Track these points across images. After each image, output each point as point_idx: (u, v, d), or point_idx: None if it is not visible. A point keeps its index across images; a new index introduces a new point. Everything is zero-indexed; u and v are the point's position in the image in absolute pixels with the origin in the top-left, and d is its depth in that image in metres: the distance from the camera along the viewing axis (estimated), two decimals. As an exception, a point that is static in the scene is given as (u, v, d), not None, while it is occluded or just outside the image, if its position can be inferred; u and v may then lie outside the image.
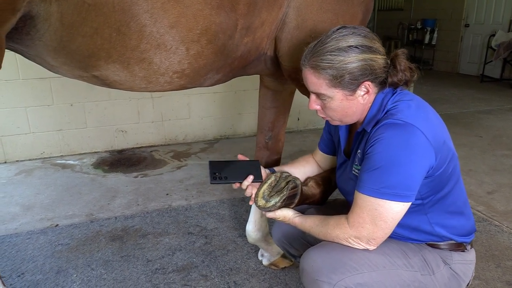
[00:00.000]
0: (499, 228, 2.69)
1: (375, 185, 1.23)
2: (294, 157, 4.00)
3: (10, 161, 4.04)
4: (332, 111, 1.36)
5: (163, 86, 1.55)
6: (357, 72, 1.27)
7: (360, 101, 1.33)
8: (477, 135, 4.73)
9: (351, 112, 1.36)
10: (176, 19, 1.36)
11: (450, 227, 1.40)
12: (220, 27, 1.45)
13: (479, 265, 2.28)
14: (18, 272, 2.28)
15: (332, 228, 1.34)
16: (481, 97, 6.84)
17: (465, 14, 8.91)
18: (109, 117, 4.31)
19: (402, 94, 1.35)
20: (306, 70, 1.35)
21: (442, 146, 1.28)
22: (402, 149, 1.20)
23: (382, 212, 1.24)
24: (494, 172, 3.64)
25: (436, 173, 1.29)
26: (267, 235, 2.24)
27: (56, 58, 1.37)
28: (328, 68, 1.27)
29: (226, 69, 1.63)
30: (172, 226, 2.76)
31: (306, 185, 1.67)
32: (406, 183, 1.22)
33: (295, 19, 1.60)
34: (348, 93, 1.31)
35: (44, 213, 2.97)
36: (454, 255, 1.42)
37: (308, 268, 1.34)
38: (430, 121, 1.29)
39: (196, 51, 1.46)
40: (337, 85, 1.29)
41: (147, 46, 1.38)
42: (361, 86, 1.30)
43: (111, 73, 1.43)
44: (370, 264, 1.31)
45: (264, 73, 1.89)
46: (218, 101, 4.67)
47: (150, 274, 2.25)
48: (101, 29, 1.29)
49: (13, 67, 3.76)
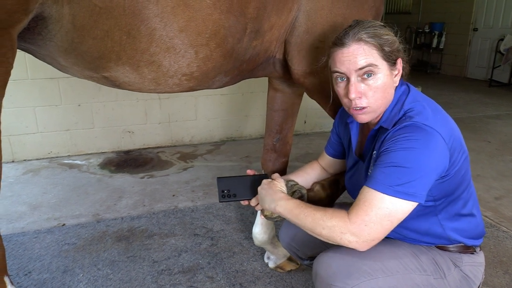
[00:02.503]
0: (507, 234, 2.67)
1: (389, 181, 1.20)
2: (300, 160, 4.00)
3: (18, 160, 4.07)
4: (376, 91, 1.32)
5: (172, 88, 1.56)
6: (394, 45, 1.33)
7: (394, 82, 1.37)
8: (485, 140, 4.71)
9: (389, 94, 1.36)
10: (185, 23, 1.37)
11: (460, 229, 1.40)
12: (229, 31, 1.46)
13: (487, 271, 2.26)
14: (25, 271, 2.29)
15: (329, 217, 1.24)
16: (489, 101, 6.80)
17: (473, 18, 8.87)
18: (116, 118, 4.33)
19: (413, 94, 1.37)
20: (351, 47, 1.30)
21: (457, 148, 1.31)
22: (422, 149, 1.20)
23: (391, 211, 1.19)
24: (502, 178, 3.62)
25: (449, 174, 1.30)
26: (273, 238, 2.24)
27: (66, 58, 1.38)
28: (375, 36, 1.30)
29: (234, 72, 1.64)
30: (178, 227, 2.77)
31: (312, 191, 1.66)
32: (420, 182, 1.20)
33: (305, 23, 1.61)
34: (391, 66, 1.33)
35: (51, 212, 2.98)
36: (464, 257, 1.42)
37: (322, 272, 1.33)
38: (448, 124, 1.31)
39: (205, 55, 1.47)
40: (384, 55, 1.31)
41: (157, 49, 1.39)
42: (397, 62, 1.34)
43: (120, 74, 1.44)
44: (384, 269, 1.30)
45: (273, 75, 1.89)
46: (225, 103, 4.68)
47: (156, 275, 2.25)
48: (112, 32, 1.31)
49: (22, 67, 3.78)
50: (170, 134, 4.59)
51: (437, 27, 9.66)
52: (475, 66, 9.05)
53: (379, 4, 1.80)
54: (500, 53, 7.93)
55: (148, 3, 1.30)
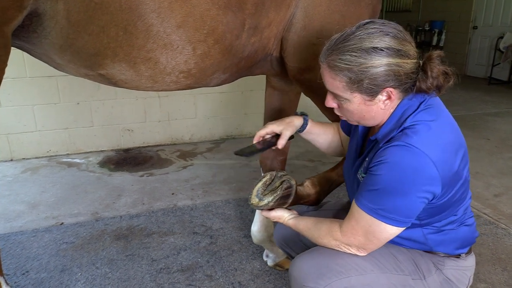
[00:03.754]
0: (506, 231, 2.67)
1: (373, 204, 1.19)
2: (300, 158, 3.99)
3: (16, 158, 4.06)
4: (349, 113, 1.27)
5: (169, 85, 1.55)
6: (378, 78, 1.14)
7: (380, 106, 1.22)
8: (484, 138, 4.70)
9: (370, 116, 1.25)
10: (183, 19, 1.36)
11: (446, 242, 1.36)
12: (227, 27, 1.45)
13: (485, 268, 2.26)
14: (23, 270, 2.28)
15: (324, 234, 1.32)
16: (489, 99, 6.79)
17: (473, 16, 8.85)
18: (115, 116, 4.32)
19: (427, 111, 1.21)
20: (323, 67, 1.23)
21: (453, 176, 1.20)
22: (407, 177, 1.13)
23: (375, 230, 1.21)
24: (501, 175, 3.61)
25: (439, 202, 1.23)
26: (272, 236, 2.24)
27: (62, 56, 1.37)
28: (346, 70, 1.15)
29: (232, 69, 1.63)
30: (177, 225, 2.76)
31: (302, 185, 1.65)
32: (405, 211, 1.17)
33: (302, 20, 1.60)
34: (367, 97, 1.20)
35: (50, 211, 2.98)
36: (447, 261, 1.38)
37: (295, 274, 1.34)
38: (446, 150, 1.18)
39: (202, 51, 1.46)
40: (355, 89, 1.18)
41: (154, 46, 1.38)
42: (382, 92, 1.18)
43: (117, 72, 1.43)
44: (357, 268, 1.29)
45: (270, 73, 1.88)
46: (224, 101, 4.67)
47: (154, 274, 2.24)
48: (108, 28, 1.29)
49: (20, 65, 3.77)
50: (170, 132, 4.58)
51: (437, 25, 9.63)
52: (475, 64, 9.02)
53: (376, 1, 1.79)
54: (500, 51, 7.91)
55: None
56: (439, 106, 1.26)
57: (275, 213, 1.48)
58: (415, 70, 1.18)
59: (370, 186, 1.19)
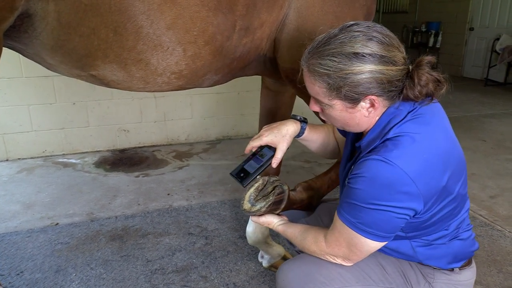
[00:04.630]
0: (502, 233, 2.67)
1: (351, 217, 1.15)
2: (297, 159, 3.99)
3: (12, 159, 4.04)
4: (332, 118, 1.22)
5: (161, 86, 1.55)
6: (360, 85, 1.08)
7: (364, 114, 1.15)
8: (480, 139, 4.71)
9: (354, 123, 1.19)
10: (172, 21, 1.37)
11: (437, 257, 1.30)
12: (217, 28, 1.45)
13: (480, 270, 2.26)
14: (17, 270, 2.27)
15: (310, 244, 1.31)
16: (485, 101, 6.81)
17: (469, 18, 8.87)
18: (111, 116, 4.31)
19: (415, 121, 1.14)
20: (304, 70, 1.18)
21: (439, 192, 1.14)
22: (383, 194, 1.08)
23: (357, 243, 1.18)
24: (497, 176, 3.62)
25: (423, 217, 1.17)
26: (267, 237, 2.23)
27: (53, 57, 1.37)
28: (325, 75, 1.09)
29: (224, 70, 1.63)
30: (172, 226, 2.75)
31: (294, 190, 1.63)
32: (383, 226, 1.12)
33: (295, 20, 1.59)
34: (348, 105, 1.13)
35: (45, 211, 2.96)
36: (437, 274, 1.32)
37: (280, 281, 1.34)
38: (429, 164, 1.10)
39: (193, 52, 1.46)
40: (334, 95, 1.12)
41: (144, 47, 1.38)
42: (365, 99, 1.11)
43: (108, 73, 1.43)
44: (341, 279, 1.26)
45: (265, 74, 1.88)
46: (221, 102, 4.66)
47: (149, 275, 2.24)
48: (98, 30, 1.30)
49: (16, 65, 3.75)
50: (166, 133, 4.57)
51: (434, 26, 9.66)
52: (471, 66, 9.05)
53: (371, 2, 1.78)
54: (496, 53, 7.93)
55: (134, 0, 1.29)
56: (432, 115, 1.18)
57: (264, 218, 1.44)
58: (401, 78, 1.10)
59: (348, 198, 1.16)
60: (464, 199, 1.29)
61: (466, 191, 1.28)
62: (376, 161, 1.08)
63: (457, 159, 1.20)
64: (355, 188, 1.12)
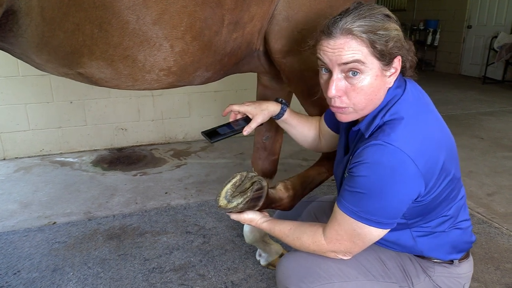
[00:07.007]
0: (499, 230, 2.67)
1: (354, 207, 1.15)
2: (294, 157, 3.99)
3: (9, 158, 4.04)
4: (359, 92, 1.16)
5: (151, 84, 1.53)
6: (393, 43, 1.13)
7: (387, 83, 1.19)
8: (478, 137, 4.71)
9: (376, 97, 1.19)
10: (158, 16, 1.34)
11: (437, 246, 1.31)
12: (205, 23, 1.42)
13: (478, 267, 2.26)
14: (14, 269, 2.27)
15: (307, 245, 1.27)
16: (483, 98, 6.81)
17: (467, 16, 8.88)
18: (109, 115, 4.30)
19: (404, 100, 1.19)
20: (338, 40, 1.13)
21: (437, 171, 1.16)
22: (387, 178, 1.10)
23: (360, 233, 1.18)
24: (494, 174, 3.62)
25: (425, 200, 1.19)
26: (265, 236, 2.23)
27: (39, 55, 1.36)
28: (369, 31, 1.11)
29: (216, 67, 1.60)
30: (170, 225, 2.75)
31: (274, 188, 1.56)
32: (387, 212, 1.14)
33: (285, 10, 1.54)
34: (383, 66, 1.15)
35: (42, 210, 2.96)
36: (437, 267, 1.33)
37: (279, 276, 1.33)
38: (427, 143, 1.14)
39: (181, 48, 1.44)
40: (376, 53, 1.12)
41: (130, 43, 1.36)
42: (394, 61, 1.16)
43: (95, 70, 1.41)
44: (341, 274, 1.26)
45: (259, 70, 1.85)
46: (218, 100, 4.65)
47: (147, 273, 2.23)
48: (83, 25, 1.28)
49: (13, 63, 3.74)
50: (164, 131, 4.57)
51: (432, 24, 9.67)
52: (469, 63, 9.06)
53: None
54: (494, 51, 7.94)
55: None
56: (421, 97, 1.26)
57: (246, 215, 1.40)
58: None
59: (350, 187, 1.16)
60: (460, 184, 1.31)
61: (460, 176, 1.30)
62: (376, 146, 1.11)
63: (448, 141, 1.23)
64: (359, 175, 1.13)
